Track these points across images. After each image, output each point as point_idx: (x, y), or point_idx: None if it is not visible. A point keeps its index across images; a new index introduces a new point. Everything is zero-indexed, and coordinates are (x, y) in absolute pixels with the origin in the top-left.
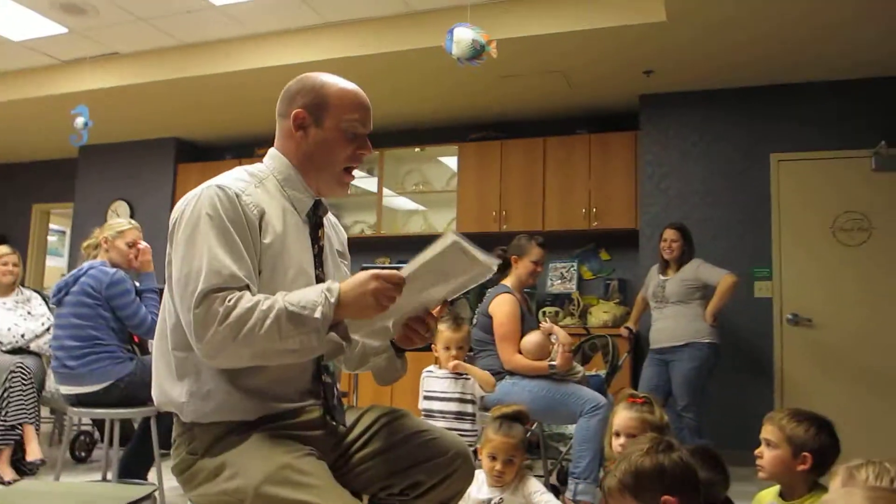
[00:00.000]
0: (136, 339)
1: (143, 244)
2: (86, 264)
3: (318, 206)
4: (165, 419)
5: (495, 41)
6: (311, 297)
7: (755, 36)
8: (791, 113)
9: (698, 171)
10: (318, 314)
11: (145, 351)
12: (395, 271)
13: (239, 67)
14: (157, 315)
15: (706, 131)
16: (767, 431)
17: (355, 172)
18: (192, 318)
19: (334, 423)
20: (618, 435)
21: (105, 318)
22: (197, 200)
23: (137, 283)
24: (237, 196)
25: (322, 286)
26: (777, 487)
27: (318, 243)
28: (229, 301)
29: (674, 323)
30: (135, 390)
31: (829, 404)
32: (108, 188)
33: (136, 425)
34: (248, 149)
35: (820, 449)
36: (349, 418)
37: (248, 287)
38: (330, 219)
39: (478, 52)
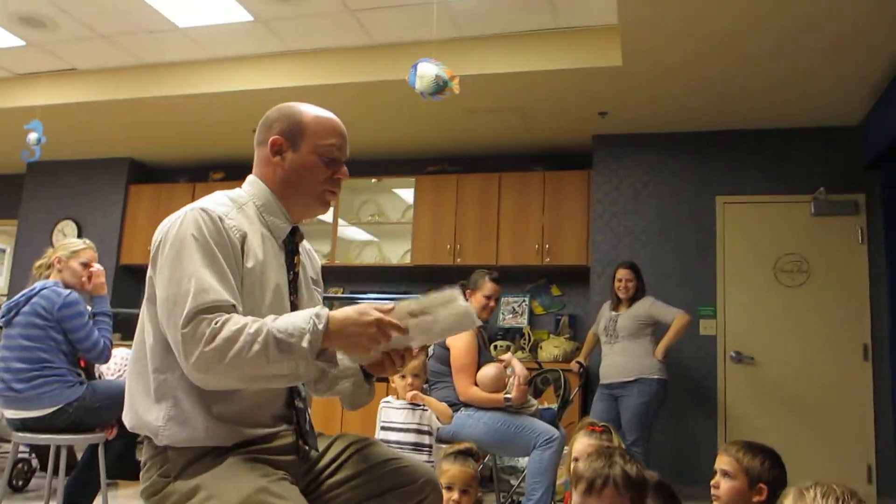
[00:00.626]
0: (83, 364)
1: (96, 266)
2: (38, 284)
3: (295, 232)
4: (113, 446)
5: (458, 77)
6: (298, 323)
7: (705, 83)
8: (737, 157)
9: (648, 211)
10: (304, 343)
11: (91, 376)
12: (398, 323)
13: (199, 90)
14: (109, 339)
15: (656, 172)
16: (724, 462)
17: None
18: (180, 337)
19: (307, 448)
20: (577, 461)
21: (56, 340)
22: (181, 222)
23: (90, 307)
24: (220, 219)
25: (310, 312)
26: None
27: (294, 269)
28: (216, 323)
29: (623, 358)
30: (83, 416)
31: (770, 438)
32: (55, 206)
33: (78, 452)
34: (202, 172)
35: (774, 481)
36: (319, 445)
37: (234, 308)
38: (305, 246)
39: (440, 87)
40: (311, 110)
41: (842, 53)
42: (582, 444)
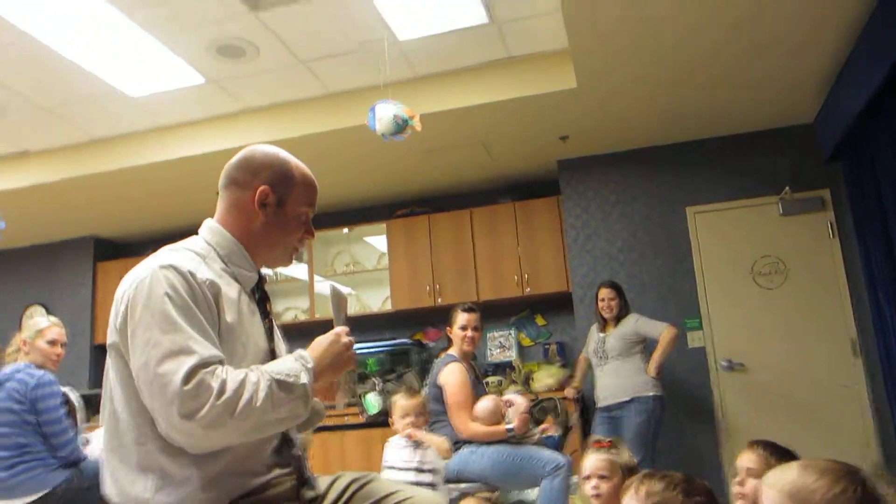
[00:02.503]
0: None
1: None
2: (9, 368)
3: (262, 280)
4: None
5: (418, 115)
6: (289, 365)
7: (658, 97)
8: (701, 167)
9: (620, 230)
10: (303, 380)
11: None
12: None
13: (157, 159)
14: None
15: (624, 190)
16: (751, 461)
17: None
18: (180, 396)
19: (311, 492)
20: (588, 478)
21: (31, 423)
22: (150, 283)
23: (64, 389)
24: (192, 274)
25: (294, 355)
26: None
27: (269, 317)
28: (221, 375)
29: (616, 379)
30: (73, 499)
31: None
32: (22, 293)
33: None
34: (170, 242)
35: None
36: (320, 486)
37: (223, 363)
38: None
39: (401, 126)
40: (297, 165)
41: (785, 52)
42: (591, 460)
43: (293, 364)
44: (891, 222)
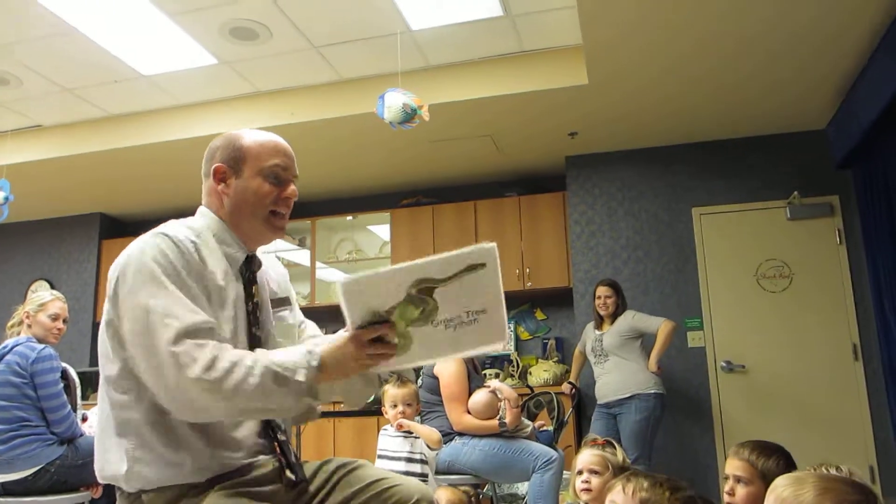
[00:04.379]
0: None
1: None
2: (10, 341)
3: (251, 261)
4: (101, 503)
5: (426, 105)
6: (293, 358)
7: (671, 97)
8: (709, 169)
9: (625, 228)
10: (299, 377)
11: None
12: (371, 328)
13: (167, 138)
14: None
15: (630, 189)
16: (737, 468)
17: (287, 244)
18: (167, 358)
19: (295, 480)
20: (580, 473)
21: (31, 398)
22: (142, 251)
23: (64, 364)
24: (182, 242)
25: (303, 349)
26: None
27: (253, 300)
28: (212, 349)
29: (617, 376)
30: (66, 475)
31: None
32: (27, 267)
33: None
34: None
35: None
36: (306, 471)
37: (213, 330)
38: (264, 270)
39: (409, 115)
40: (251, 135)
41: (801, 58)
42: (585, 455)
43: (298, 358)
44: None
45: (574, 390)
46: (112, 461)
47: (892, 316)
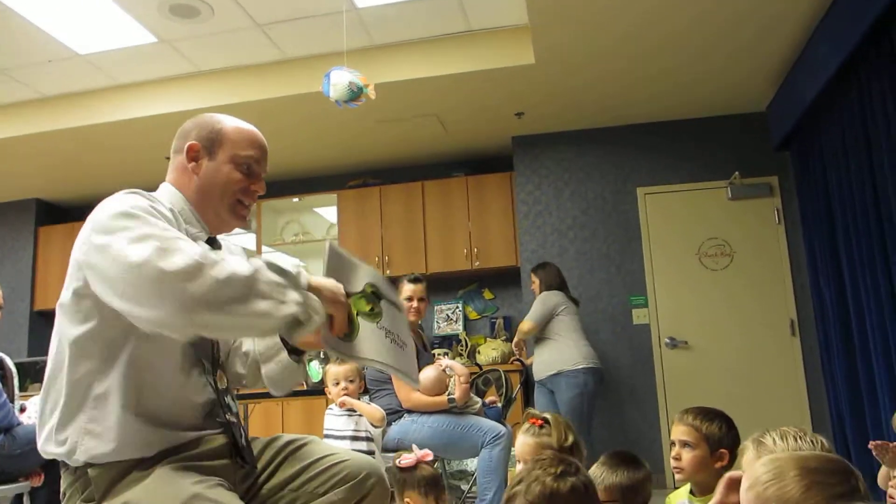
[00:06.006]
0: None
1: None
2: None
3: (213, 243)
4: (40, 494)
5: (373, 84)
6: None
7: (615, 77)
8: (654, 149)
9: (571, 208)
10: (298, 274)
11: None
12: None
13: (105, 120)
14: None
15: (576, 169)
16: (682, 432)
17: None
18: (169, 274)
19: (245, 465)
20: (519, 462)
21: None
22: (111, 202)
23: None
24: (160, 202)
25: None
26: (687, 486)
27: None
28: (213, 258)
29: (544, 354)
30: (4, 464)
31: None
32: None
33: None
34: None
35: (733, 445)
36: (255, 448)
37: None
38: (224, 247)
39: (355, 94)
40: (231, 121)
41: (742, 41)
42: (520, 443)
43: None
44: (836, 211)
45: (523, 366)
46: (59, 436)
47: (828, 293)
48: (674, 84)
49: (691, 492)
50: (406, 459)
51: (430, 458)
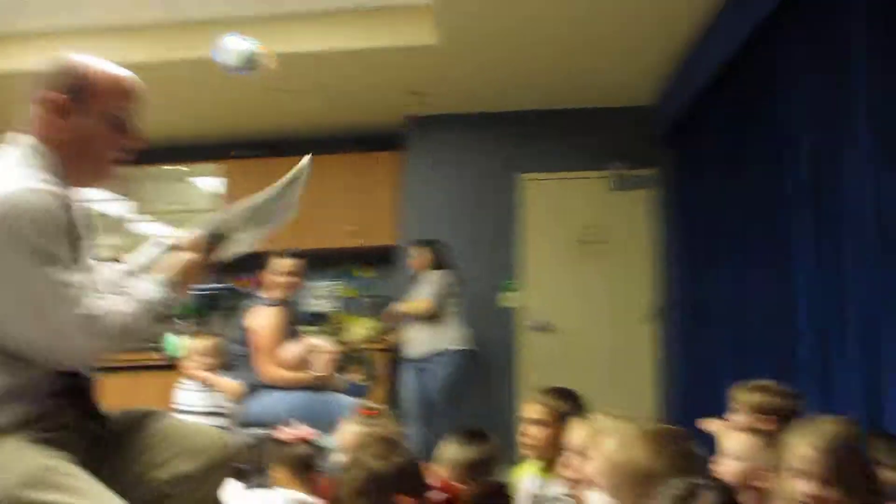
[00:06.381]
0: None
1: None
2: None
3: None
4: None
5: (274, 54)
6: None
7: (514, 61)
8: (540, 136)
9: (455, 191)
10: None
11: None
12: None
13: None
14: None
15: (463, 152)
16: (534, 411)
17: (107, 194)
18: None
19: (93, 428)
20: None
21: None
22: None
23: None
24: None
25: (150, 281)
26: (535, 462)
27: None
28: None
29: (424, 333)
30: None
31: None
32: None
33: None
34: None
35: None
36: (105, 421)
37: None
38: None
39: (252, 62)
40: (101, 65)
41: (635, 35)
42: (347, 431)
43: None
44: (710, 206)
45: (392, 346)
46: None
47: (689, 284)
48: (569, 71)
49: (541, 468)
50: (284, 434)
51: (312, 438)
